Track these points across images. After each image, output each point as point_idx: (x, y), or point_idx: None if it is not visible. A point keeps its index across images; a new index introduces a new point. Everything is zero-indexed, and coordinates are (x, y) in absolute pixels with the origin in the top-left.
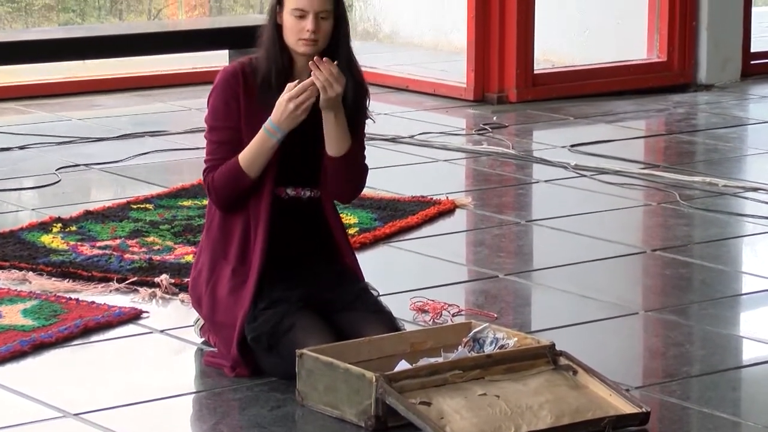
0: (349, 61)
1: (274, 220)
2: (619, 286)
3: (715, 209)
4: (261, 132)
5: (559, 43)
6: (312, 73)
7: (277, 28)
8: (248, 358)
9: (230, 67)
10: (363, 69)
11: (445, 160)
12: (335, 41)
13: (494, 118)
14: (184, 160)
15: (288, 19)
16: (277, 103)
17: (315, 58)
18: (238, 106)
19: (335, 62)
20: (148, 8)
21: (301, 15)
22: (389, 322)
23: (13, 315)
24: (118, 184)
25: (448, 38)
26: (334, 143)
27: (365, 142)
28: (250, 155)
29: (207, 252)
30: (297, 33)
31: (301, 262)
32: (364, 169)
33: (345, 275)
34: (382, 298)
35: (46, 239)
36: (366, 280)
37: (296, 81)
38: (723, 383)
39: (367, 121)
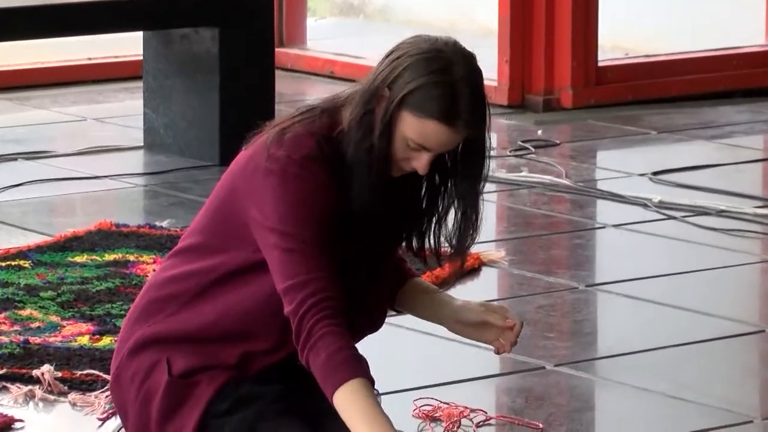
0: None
1: None
2: (726, 381)
3: None
4: None
5: (635, 25)
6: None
7: (390, 125)
8: None
9: (305, 149)
10: (343, 59)
11: None
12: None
13: (539, 132)
14: (78, 194)
15: (399, 141)
16: None
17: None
18: (326, 197)
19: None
20: None
21: (417, 149)
22: None
23: None
24: None
25: (471, 16)
26: None
27: None
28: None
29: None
30: (403, 162)
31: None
32: None
33: None
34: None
35: None
36: None
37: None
38: None
39: None
